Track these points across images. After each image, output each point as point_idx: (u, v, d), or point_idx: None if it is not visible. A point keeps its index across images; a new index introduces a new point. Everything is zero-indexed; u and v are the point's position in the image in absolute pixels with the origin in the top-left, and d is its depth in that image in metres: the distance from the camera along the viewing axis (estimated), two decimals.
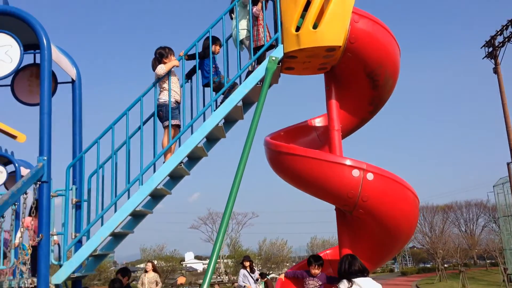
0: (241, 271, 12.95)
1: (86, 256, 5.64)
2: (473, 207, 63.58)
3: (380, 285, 5.01)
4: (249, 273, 12.54)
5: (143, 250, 51.97)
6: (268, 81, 5.76)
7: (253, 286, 12.45)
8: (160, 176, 5.73)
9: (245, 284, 12.54)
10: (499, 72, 34.30)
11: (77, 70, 6.97)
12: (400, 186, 5.68)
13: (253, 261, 13.76)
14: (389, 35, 6.09)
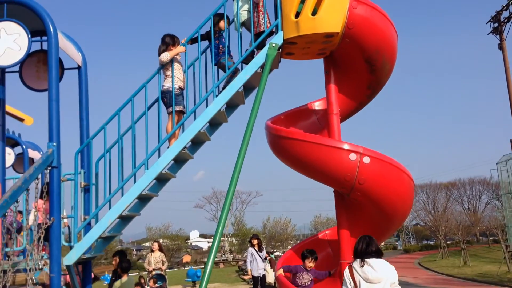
0: (249, 249, 13.14)
1: (96, 238, 5.89)
2: (477, 185, 63.68)
3: (393, 267, 5.09)
4: (257, 251, 12.74)
5: (149, 229, 52.54)
6: (269, 67, 5.93)
7: (261, 264, 12.63)
8: (165, 161, 5.95)
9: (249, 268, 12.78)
10: (504, 48, 34.14)
11: (83, 56, 7.13)
12: (395, 169, 5.89)
13: (261, 240, 13.97)
14: (386, 21, 6.22)
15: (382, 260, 5.10)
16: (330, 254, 6.92)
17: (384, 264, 5.03)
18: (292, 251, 7.01)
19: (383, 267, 4.99)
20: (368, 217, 6.23)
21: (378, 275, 4.92)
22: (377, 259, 5.04)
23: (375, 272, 4.93)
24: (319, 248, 6.98)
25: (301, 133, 6.21)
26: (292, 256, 6.85)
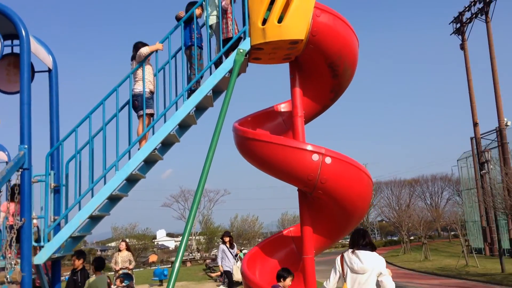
0: (220, 246, 13.29)
1: (66, 238, 6.02)
2: (439, 181, 65.64)
3: (381, 259, 5.51)
4: (228, 248, 12.91)
5: (115, 229, 51.98)
6: (236, 72, 6.18)
7: (232, 261, 12.80)
8: (135, 162, 6.14)
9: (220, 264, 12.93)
10: (466, 48, 35.31)
11: (54, 59, 7.22)
12: (355, 169, 6.22)
13: (232, 237, 14.12)
14: (348, 29, 6.56)
15: (372, 252, 5.49)
16: (294, 250, 7.20)
17: (371, 256, 5.41)
18: (257, 248, 7.26)
19: (370, 259, 5.37)
20: (329, 214, 6.55)
21: (364, 266, 5.31)
22: (366, 251, 5.44)
23: (360, 263, 5.33)
24: (284, 244, 7.29)
25: (266, 134, 6.49)
26: (257, 253, 7.11)
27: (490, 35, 31.44)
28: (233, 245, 13.23)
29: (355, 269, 5.37)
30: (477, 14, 32.98)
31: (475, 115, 34.18)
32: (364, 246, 5.47)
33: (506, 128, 30.55)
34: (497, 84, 30.94)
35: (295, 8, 6.11)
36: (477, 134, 33.83)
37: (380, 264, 5.45)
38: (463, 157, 39.17)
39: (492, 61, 31.14)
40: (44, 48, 7.01)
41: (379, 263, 5.44)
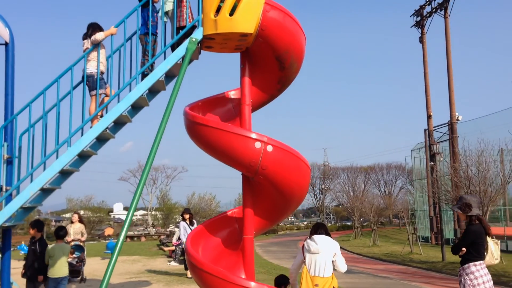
0: (181, 223, 13.66)
1: (17, 209, 6.31)
2: (393, 169, 67.78)
3: (335, 242, 6.68)
4: (188, 225, 13.30)
5: (69, 200, 51.62)
6: (188, 59, 6.53)
7: None
8: (87, 139, 6.45)
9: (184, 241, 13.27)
10: (424, 41, 36.39)
11: (11, 32, 7.38)
12: (294, 157, 6.69)
13: (193, 214, 14.51)
14: (296, 25, 6.97)
15: (326, 236, 6.66)
16: (237, 230, 7.66)
17: (325, 239, 6.57)
18: (202, 226, 7.69)
19: (324, 241, 6.52)
20: (269, 198, 7.03)
21: (318, 247, 6.45)
22: (320, 235, 6.63)
23: (316, 245, 6.50)
24: (227, 224, 7.75)
25: (213, 120, 6.88)
26: (201, 231, 7.52)
27: (447, 30, 32.52)
28: (193, 222, 13.66)
29: (311, 250, 6.50)
30: (437, 8, 34.00)
31: (429, 107, 35.44)
32: (320, 234, 6.67)
33: (457, 122, 31.87)
34: (451, 79, 32.14)
35: (246, 2, 6.48)
36: (430, 126, 35.14)
37: (333, 246, 6.58)
38: (416, 147, 40.61)
39: (448, 56, 32.29)
40: (2, 21, 7.17)
41: (333, 245, 6.59)
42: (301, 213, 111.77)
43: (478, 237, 6.57)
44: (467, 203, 6.73)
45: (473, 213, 6.70)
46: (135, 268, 17.35)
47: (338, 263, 6.59)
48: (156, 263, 19.50)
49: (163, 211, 51.94)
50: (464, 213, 6.74)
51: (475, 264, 6.48)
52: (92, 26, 7.08)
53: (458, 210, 6.83)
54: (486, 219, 19.86)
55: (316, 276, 6.51)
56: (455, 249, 6.75)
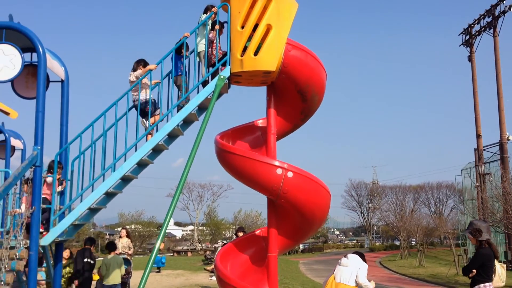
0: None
1: (68, 225, 7.25)
2: (444, 189, 66.15)
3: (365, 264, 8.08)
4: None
5: (121, 215, 53.66)
6: (216, 94, 7.33)
7: None
8: (128, 165, 7.33)
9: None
10: (473, 60, 36.02)
11: (66, 70, 8.43)
12: (313, 182, 7.31)
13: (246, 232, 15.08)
14: (316, 62, 7.65)
15: (357, 256, 8.09)
16: (263, 248, 8.31)
17: (355, 257, 7.99)
18: (231, 244, 8.40)
19: (354, 258, 7.95)
20: (291, 220, 7.66)
21: (348, 261, 7.90)
22: (353, 254, 8.09)
23: (346, 260, 7.95)
24: (255, 242, 8.42)
25: (239, 149, 7.61)
26: (230, 249, 8.24)
27: (497, 49, 32.15)
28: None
29: (341, 263, 7.93)
30: (485, 27, 33.66)
31: (478, 126, 34.89)
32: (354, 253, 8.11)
33: (507, 142, 31.27)
34: (501, 98, 31.65)
35: (269, 44, 7.23)
36: (479, 146, 34.57)
37: (361, 264, 7.85)
38: (467, 167, 39.80)
39: (497, 75, 31.86)
40: (58, 61, 8.22)
41: (360, 264, 7.87)
42: (351, 231, 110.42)
43: (488, 260, 6.95)
44: (478, 228, 7.12)
45: (483, 238, 7.09)
46: (178, 282, 18.22)
47: (359, 273, 7.82)
48: (198, 278, 20.31)
49: (209, 227, 53.04)
50: (475, 238, 7.14)
51: (484, 286, 6.86)
52: (137, 62, 8.10)
53: (469, 235, 7.23)
54: None
55: (340, 282, 7.83)
56: (466, 271, 7.13)
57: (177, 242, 67.63)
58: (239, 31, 7.36)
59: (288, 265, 33.88)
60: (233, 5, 7.47)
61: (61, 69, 8.25)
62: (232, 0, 7.49)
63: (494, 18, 32.43)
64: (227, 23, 7.58)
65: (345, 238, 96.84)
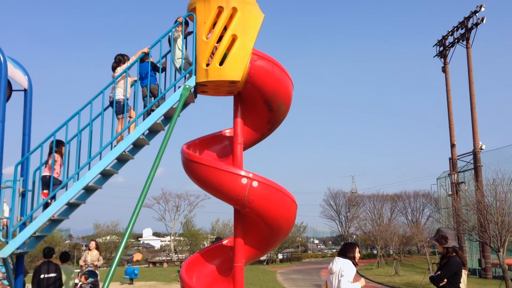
0: None
1: (28, 236, 7.08)
2: (421, 197, 66.77)
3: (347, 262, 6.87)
4: None
5: (97, 225, 52.90)
6: (181, 104, 7.27)
7: None
8: (90, 176, 7.20)
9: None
10: (447, 71, 36.62)
11: (29, 79, 8.29)
12: (279, 192, 7.31)
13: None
14: (282, 72, 7.67)
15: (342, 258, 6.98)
16: (231, 258, 8.23)
17: (340, 261, 6.94)
18: (198, 254, 8.32)
19: (339, 263, 6.92)
20: (258, 229, 7.62)
21: (334, 268, 6.92)
22: (339, 257, 7.01)
23: (331, 265, 7.01)
24: (222, 253, 8.35)
25: (205, 158, 7.57)
26: (197, 259, 8.16)
27: (469, 60, 32.73)
28: None
29: (330, 269, 7.01)
30: (459, 39, 34.26)
31: (452, 136, 35.41)
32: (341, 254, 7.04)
33: (480, 152, 31.78)
34: (474, 108, 32.19)
35: (234, 54, 7.23)
36: (453, 155, 35.09)
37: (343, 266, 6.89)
38: (442, 176, 40.33)
39: (470, 85, 32.42)
40: (21, 69, 8.08)
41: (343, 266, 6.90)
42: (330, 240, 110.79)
43: (459, 269, 6.99)
44: (444, 235, 7.16)
45: (449, 245, 7.11)
46: None
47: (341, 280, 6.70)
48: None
49: (187, 237, 52.57)
50: (441, 245, 7.16)
51: None
52: (122, 55, 7.98)
53: (435, 242, 7.26)
54: (504, 249, 19.86)
55: None
56: (438, 280, 7.12)
57: (155, 253, 66.94)
58: (204, 41, 7.34)
59: (265, 275, 33.77)
60: (198, 15, 7.45)
61: (24, 78, 8.11)
62: (197, 10, 7.47)
63: (467, 30, 33.07)
64: (193, 33, 7.55)
65: (325, 247, 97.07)
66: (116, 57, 8.00)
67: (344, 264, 6.86)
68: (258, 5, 7.70)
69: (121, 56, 7.97)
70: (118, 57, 7.98)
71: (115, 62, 7.96)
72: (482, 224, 20.97)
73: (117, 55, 8.01)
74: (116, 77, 7.68)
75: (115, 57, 8.00)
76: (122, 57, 7.95)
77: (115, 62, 7.96)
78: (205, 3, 7.39)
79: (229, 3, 7.34)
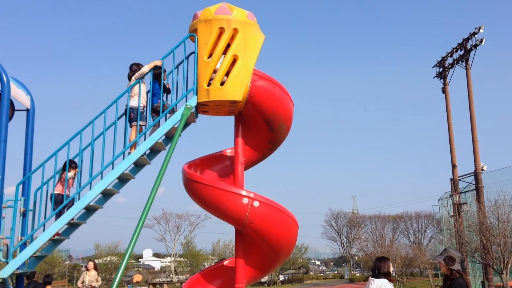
0: None
1: (28, 257, 7.06)
2: (423, 218, 66.21)
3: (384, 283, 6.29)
4: None
5: (97, 246, 52.54)
6: (183, 123, 7.32)
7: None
8: (92, 195, 7.21)
9: None
10: (447, 92, 36.71)
11: (32, 100, 8.36)
12: (280, 212, 7.30)
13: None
14: (283, 92, 7.73)
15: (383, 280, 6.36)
16: (232, 278, 8.19)
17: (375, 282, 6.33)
18: (199, 275, 8.27)
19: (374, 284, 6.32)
20: (259, 250, 7.59)
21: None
22: (379, 279, 6.39)
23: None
24: (223, 274, 8.29)
25: (206, 178, 7.58)
26: (198, 280, 8.11)
27: (469, 81, 32.81)
28: None
29: None
30: (458, 60, 34.42)
31: (454, 157, 35.32)
32: (382, 275, 6.40)
33: (482, 172, 31.71)
34: (474, 129, 32.19)
35: (235, 74, 7.30)
36: (455, 175, 34.97)
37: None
38: (444, 197, 40.16)
39: (470, 106, 32.47)
40: (24, 89, 8.15)
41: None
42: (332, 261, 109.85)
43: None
44: (451, 256, 7.06)
45: (455, 268, 7.03)
46: None
47: None
48: None
49: (187, 258, 52.13)
50: (447, 266, 7.08)
51: None
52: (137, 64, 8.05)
53: (442, 261, 7.17)
54: (507, 271, 19.69)
55: None
56: None
57: (156, 274, 66.39)
58: (205, 61, 7.42)
59: None
60: (200, 36, 7.54)
61: (27, 98, 8.18)
62: (199, 31, 7.56)
63: (466, 51, 33.23)
64: (194, 53, 7.63)
65: (326, 268, 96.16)
66: (131, 66, 8.12)
67: (381, 285, 6.36)
68: (259, 26, 7.81)
69: (136, 65, 8.08)
70: (134, 66, 8.09)
71: (131, 71, 8.08)
72: (485, 245, 20.85)
73: (132, 64, 8.13)
74: (130, 86, 7.76)
75: (130, 67, 8.12)
76: (138, 66, 8.05)
77: (131, 71, 8.08)
78: (207, 24, 7.49)
79: (230, 24, 7.44)
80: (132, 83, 7.83)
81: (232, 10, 7.56)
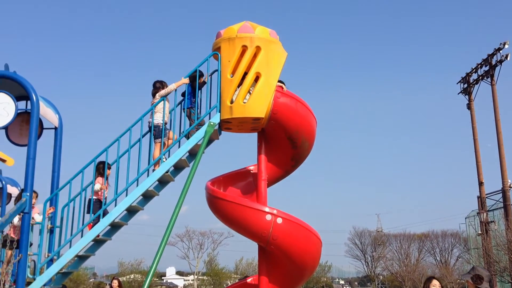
0: None
1: (55, 273, 7.15)
2: (449, 237, 64.87)
3: None
4: None
5: (121, 264, 52.72)
6: (206, 140, 7.39)
7: None
8: (117, 212, 7.30)
9: None
10: (472, 108, 36.25)
11: (60, 118, 8.55)
12: (304, 229, 7.27)
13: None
14: (305, 109, 7.76)
15: None
16: None
17: None
18: None
19: None
20: (282, 267, 7.56)
21: None
22: None
23: None
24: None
25: (229, 195, 7.62)
26: None
27: (495, 97, 32.38)
28: None
29: None
30: (483, 76, 34.03)
31: (480, 174, 34.70)
32: None
33: (510, 190, 31.04)
34: (501, 145, 31.64)
35: (258, 91, 7.37)
36: (482, 193, 34.30)
37: None
38: (471, 215, 39.36)
39: (496, 122, 31.98)
40: (52, 108, 8.35)
41: None
42: (356, 281, 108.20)
43: None
44: (479, 275, 6.91)
45: (483, 287, 6.88)
46: None
47: None
48: None
49: (210, 276, 51.93)
50: (475, 284, 6.93)
51: None
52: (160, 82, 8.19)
53: (470, 280, 7.01)
54: None
55: None
56: None
57: None
58: (228, 78, 7.51)
59: None
60: (223, 54, 7.66)
61: (55, 117, 8.37)
62: (222, 49, 7.68)
63: (491, 67, 32.86)
64: (218, 71, 7.74)
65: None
66: (154, 83, 8.22)
67: None
68: (281, 44, 7.88)
69: (159, 83, 8.19)
70: (157, 83, 8.20)
71: (154, 88, 8.17)
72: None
73: (155, 81, 8.25)
74: (155, 104, 7.87)
75: (154, 84, 8.22)
76: (161, 84, 8.16)
77: (154, 88, 8.17)
78: (230, 42, 7.60)
79: (253, 42, 7.53)
80: (156, 100, 7.95)
81: (255, 28, 7.66)
